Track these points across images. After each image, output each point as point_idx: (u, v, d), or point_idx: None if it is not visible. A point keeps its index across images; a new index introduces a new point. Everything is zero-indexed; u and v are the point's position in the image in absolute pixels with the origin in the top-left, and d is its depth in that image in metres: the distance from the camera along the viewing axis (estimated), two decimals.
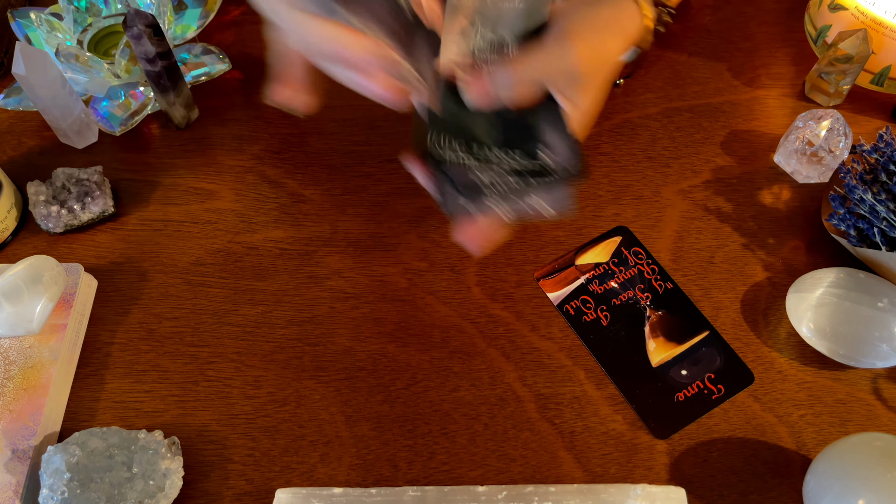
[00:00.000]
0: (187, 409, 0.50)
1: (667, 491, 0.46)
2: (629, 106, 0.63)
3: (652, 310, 0.53)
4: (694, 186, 0.59)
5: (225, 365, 0.51)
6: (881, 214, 0.51)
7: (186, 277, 0.55)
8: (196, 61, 0.63)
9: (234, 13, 0.69)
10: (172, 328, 0.53)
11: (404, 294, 0.54)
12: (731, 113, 0.63)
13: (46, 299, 0.49)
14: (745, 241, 0.57)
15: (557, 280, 0.55)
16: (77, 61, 0.58)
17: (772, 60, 0.67)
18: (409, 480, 0.47)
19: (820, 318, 0.50)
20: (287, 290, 0.54)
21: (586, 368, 0.51)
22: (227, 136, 0.62)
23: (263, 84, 0.48)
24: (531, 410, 0.50)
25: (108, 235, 0.57)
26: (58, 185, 0.56)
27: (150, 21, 0.54)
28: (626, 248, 0.56)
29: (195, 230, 0.57)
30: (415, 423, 0.49)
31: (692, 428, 0.49)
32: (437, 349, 0.52)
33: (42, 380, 0.49)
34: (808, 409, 0.50)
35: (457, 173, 0.46)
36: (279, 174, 0.60)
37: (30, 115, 0.62)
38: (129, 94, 0.60)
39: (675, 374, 0.51)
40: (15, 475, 0.46)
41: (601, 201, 0.58)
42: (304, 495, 0.46)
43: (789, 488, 0.47)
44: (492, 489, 0.46)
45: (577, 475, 0.48)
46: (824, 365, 0.51)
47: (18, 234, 0.56)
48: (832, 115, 0.57)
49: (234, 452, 0.48)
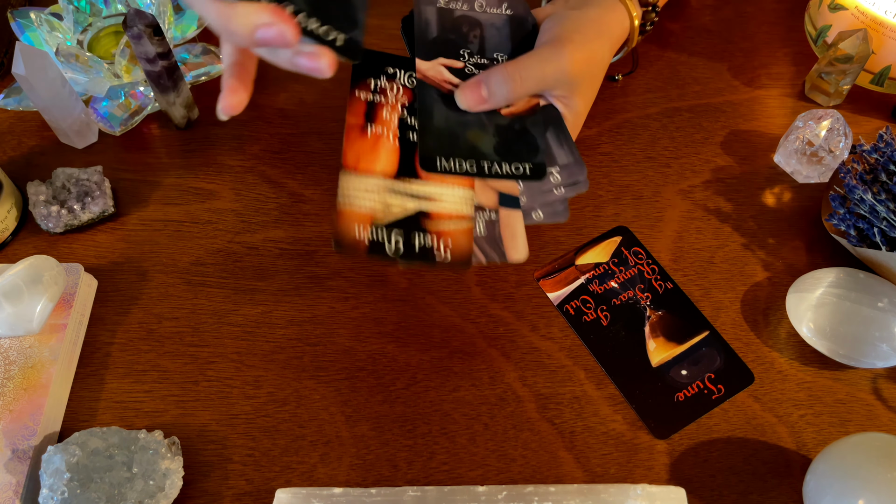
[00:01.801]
0: (187, 409, 0.50)
1: (667, 491, 0.46)
2: (629, 106, 0.63)
3: (652, 310, 0.53)
4: (694, 186, 0.59)
5: (225, 365, 0.51)
6: (881, 214, 0.51)
7: (186, 277, 0.55)
8: (196, 61, 0.63)
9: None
10: (172, 328, 0.53)
11: (404, 294, 0.54)
12: (731, 113, 0.63)
13: (46, 299, 0.49)
14: (745, 241, 0.57)
15: (557, 280, 0.55)
16: (77, 61, 0.58)
17: (772, 60, 0.67)
18: (409, 480, 0.47)
19: (820, 318, 0.50)
20: (287, 290, 0.54)
21: (586, 368, 0.51)
22: (227, 136, 0.62)
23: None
24: (531, 410, 0.50)
25: (108, 235, 0.57)
26: (58, 185, 0.56)
27: (150, 21, 0.54)
28: (626, 248, 0.56)
29: (195, 230, 0.57)
30: (415, 423, 0.49)
31: (692, 428, 0.49)
32: (437, 349, 0.52)
33: (42, 380, 0.49)
34: (808, 409, 0.50)
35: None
36: (279, 174, 0.60)
37: (30, 115, 0.62)
38: (129, 94, 0.60)
39: (675, 374, 0.51)
40: (15, 475, 0.46)
41: (601, 201, 0.58)
42: (304, 495, 0.46)
43: (789, 488, 0.47)
44: (492, 489, 0.46)
45: (577, 475, 0.48)
46: (824, 365, 0.51)
47: (18, 234, 0.56)
48: (832, 115, 0.57)
49: (234, 452, 0.48)
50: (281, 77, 0.65)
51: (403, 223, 0.45)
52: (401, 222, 0.45)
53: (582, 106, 0.50)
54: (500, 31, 0.50)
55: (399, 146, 0.47)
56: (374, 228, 0.44)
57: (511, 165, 0.46)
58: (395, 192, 0.45)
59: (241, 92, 0.44)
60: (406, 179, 0.46)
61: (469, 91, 0.47)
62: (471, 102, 0.47)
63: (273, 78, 0.65)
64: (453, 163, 0.45)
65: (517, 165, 0.46)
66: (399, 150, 0.47)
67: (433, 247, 0.44)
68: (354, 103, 0.48)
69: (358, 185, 0.45)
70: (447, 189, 0.46)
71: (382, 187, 0.45)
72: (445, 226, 0.45)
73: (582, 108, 0.50)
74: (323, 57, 0.40)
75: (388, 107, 0.48)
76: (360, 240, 0.44)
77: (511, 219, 0.47)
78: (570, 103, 0.49)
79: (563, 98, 0.49)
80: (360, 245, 0.44)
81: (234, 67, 0.44)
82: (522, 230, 0.47)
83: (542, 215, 0.48)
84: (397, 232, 0.44)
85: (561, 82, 0.48)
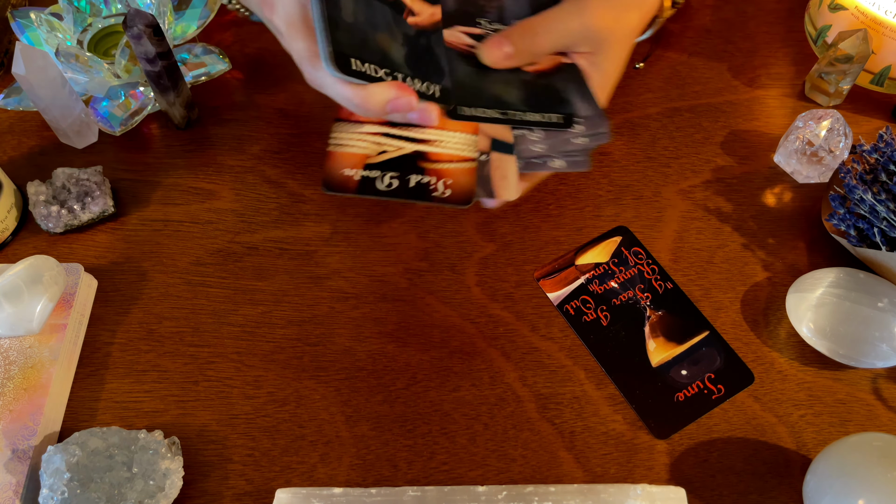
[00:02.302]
0: (187, 409, 0.50)
1: (667, 491, 0.46)
2: (629, 106, 0.63)
3: (652, 310, 0.53)
4: (694, 186, 0.59)
5: (225, 365, 0.51)
6: (881, 214, 0.51)
7: (186, 277, 0.55)
8: (196, 61, 0.63)
9: (234, 13, 0.69)
10: (172, 328, 0.53)
11: (404, 294, 0.54)
12: (731, 113, 0.63)
13: (46, 299, 0.49)
14: (745, 241, 0.57)
15: (557, 280, 0.55)
16: (77, 61, 0.58)
17: (772, 60, 0.67)
18: (409, 480, 0.47)
19: (820, 318, 0.50)
20: (287, 290, 0.54)
21: (586, 368, 0.51)
22: (227, 136, 0.62)
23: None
24: (531, 410, 0.50)
25: (108, 235, 0.57)
26: (58, 185, 0.56)
27: (150, 21, 0.54)
28: (626, 248, 0.56)
29: (195, 230, 0.57)
30: (415, 423, 0.49)
31: (692, 428, 0.49)
32: (437, 349, 0.52)
33: (42, 380, 0.49)
34: (808, 409, 0.50)
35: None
36: (279, 174, 0.60)
37: (30, 115, 0.62)
38: (129, 94, 0.60)
39: (675, 374, 0.51)
40: (15, 475, 0.46)
41: (601, 201, 0.58)
42: (304, 495, 0.46)
43: (789, 488, 0.47)
44: (492, 489, 0.46)
45: (577, 475, 0.48)
46: (824, 365, 0.51)
47: (18, 234, 0.56)
48: (832, 115, 0.57)
49: (234, 452, 0.48)
50: (281, 77, 0.65)
51: (398, 162, 0.44)
52: (396, 161, 0.44)
53: (610, 67, 0.49)
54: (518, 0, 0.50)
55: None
56: (367, 168, 0.44)
57: (539, 115, 0.46)
58: (392, 136, 0.45)
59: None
60: (403, 128, 0.46)
61: (493, 46, 0.47)
62: (495, 58, 0.47)
63: (273, 78, 0.65)
64: (479, 111, 0.46)
65: (545, 115, 0.46)
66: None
67: (429, 184, 0.44)
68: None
69: (352, 129, 0.45)
70: (448, 134, 0.46)
71: (378, 132, 0.45)
72: (445, 166, 0.45)
73: (610, 70, 0.49)
74: (431, 111, 0.44)
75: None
76: (351, 176, 0.43)
77: (503, 161, 0.47)
78: (595, 61, 0.48)
79: (589, 56, 0.48)
80: (350, 182, 0.43)
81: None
82: (515, 173, 0.47)
83: (565, 164, 0.48)
84: (392, 172, 0.44)
85: (585, 38, 0.47)
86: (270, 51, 0.66)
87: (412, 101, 0.42)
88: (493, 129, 0.47)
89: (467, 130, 0.46)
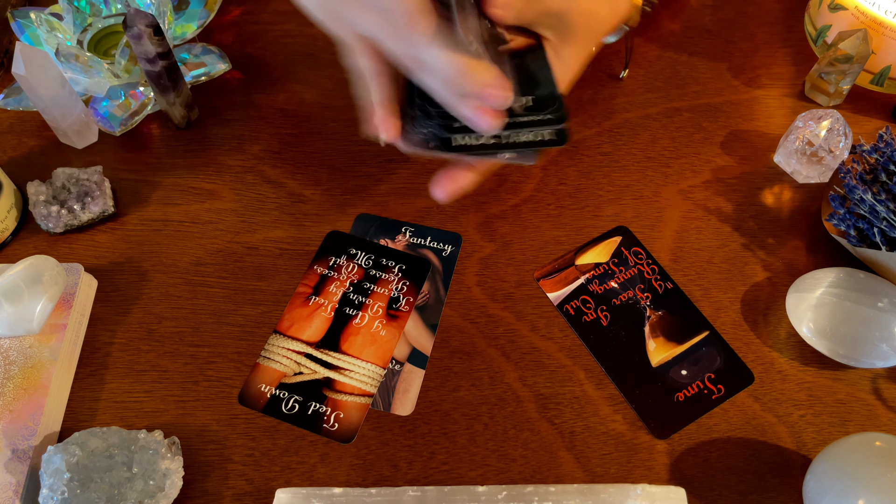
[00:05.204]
0: (187, 409, 0.50)
1: (667, 491, 0.46)
2: (629, 106, 0.64)
3: (652, 310, 0.53)
4: (694, 186, 0.59)
5: (225, 365, 0.51)
6: (881, 214, 0.51)
7: (186, 277, 0.55)
8: (196, 61, 0.63)
9: (235, 13, 0.69)
10: (172, 328, 0.53)
11: None
12: (731, 113, 0.63)
13: (46, 299, 0.49)
14: (745, 241, 0.57)
15: (557, 280, 0.55)
16: (77, 61, 0.58)
17: (772, 60, 0.67)
18: (409, 480, 0.47)
19: (820, 318, 0.50)
20: (287, 290, 0.54)
21: (586, 368, 0.51)
22: (227, 136, 0.62)
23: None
24: (531, 410, 0.50)
25: (108, 235, 0.57)
26: (58, 185, 0.56)
27: (150, 21, 0.54)
28: (626, 248, 0.56)
29: (195, 230, 0.57)
30: (415, 423, 0.49)
31: (692, 428, 0.49)
32: (437, 349, 0.52)
33: (42, 380, 0.49)
34: (808, 409, 0.50)
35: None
36: (279, 174, 0.60)
37: (30, 115, 0.62)
38: (129, 94, 0.60)
39: (675, 374, 0.51)
40: (15, 475, 0.46)
41: (601, 201, 0.58)
42: (304, 495, 0.46)
43: (789, 488, 0.47)
44: (492, 489, 0.46)
45: (577, 475, 0.48)
46: (824, 365, 0.51)
47: (18, 234, 0.56)
48: (832, 115, 0.57)
49: (234, 452, 0.48)
50: (281, 77, 0.65)
51: (307, 387, 0.50)
52: (305, 385, 0.50)
53: (572, 59, 0.47)
54: None
55: (333, 317, 0.52)
56: (278, 389, 0.50)
57: (532, 135, 0.45)
58: (313, 358, 0.51)
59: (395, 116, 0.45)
60: (325, 351, 0.51)
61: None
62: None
63: (273, 78, 0.65)
64: (472, 139, 0.45)
65: (539, 134, 0.45)
66: (331, 321, 0.52)
67: (324, 415, 0.49)
68: (310, 275, 0.54)
69: (282, 344, 0.51)
70: (360, 364, 0.50)
71: (302, 351, 0.51)
72: (345, 398, 0.49)
73: (571, 62, 0.47)
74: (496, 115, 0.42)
75: (338, 282, 0.54)
76: (264, 393, 0.50)
77: (412, 375, 0.50)
78: (560, 51, 0.47)
79: (554, 45, 0.47)
80: (263, 399, 0.49)
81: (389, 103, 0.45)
82: (416, 390, 0.50)
83: (515, 155, 0.47)
84: (297, 396, 0.49)
85: (555, 22, 0.46)
86: (270, 51, 0.66)
87: (507, 98, 0.41)
88: (417, 338, 0.51)
89: (378, 363, 0.50)
